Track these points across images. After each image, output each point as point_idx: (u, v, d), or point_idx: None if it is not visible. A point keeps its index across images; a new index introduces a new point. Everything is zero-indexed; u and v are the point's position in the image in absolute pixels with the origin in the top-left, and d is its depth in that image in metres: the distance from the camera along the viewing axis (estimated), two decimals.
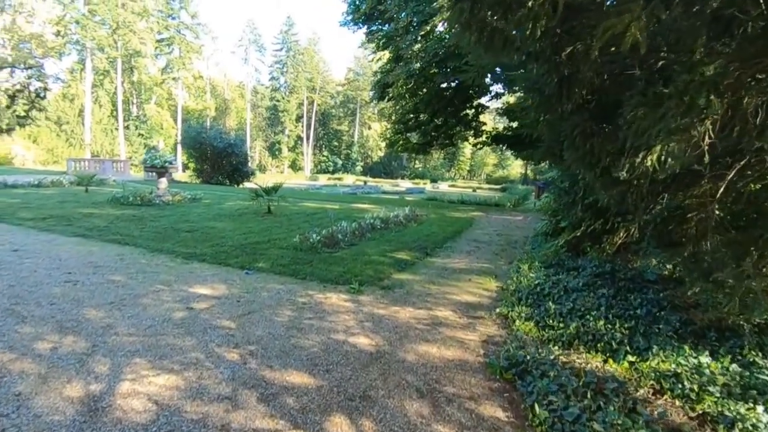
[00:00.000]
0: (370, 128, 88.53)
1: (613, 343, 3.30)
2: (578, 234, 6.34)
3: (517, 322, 3.89)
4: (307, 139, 76.72)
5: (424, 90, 13.89)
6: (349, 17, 16.41)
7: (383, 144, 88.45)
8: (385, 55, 16.00)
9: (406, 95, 13.99)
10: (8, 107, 51.71)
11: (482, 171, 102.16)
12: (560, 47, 3.55)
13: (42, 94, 52.51)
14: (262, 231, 8.40)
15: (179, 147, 57.14)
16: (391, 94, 13.60)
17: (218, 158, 23.59)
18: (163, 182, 12.10)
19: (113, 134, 50.53)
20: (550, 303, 4.13)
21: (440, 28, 12.85)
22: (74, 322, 3.54)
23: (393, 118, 17.36)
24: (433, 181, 73.13)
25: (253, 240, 7.42)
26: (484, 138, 15.54)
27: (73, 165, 24.56)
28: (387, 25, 14.19)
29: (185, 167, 49.15)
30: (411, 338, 3.61)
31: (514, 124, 15.92)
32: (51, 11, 49.81)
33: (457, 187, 69.71)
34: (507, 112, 15.37)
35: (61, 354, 2.99)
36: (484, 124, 15.58)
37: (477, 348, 3.48)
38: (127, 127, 54.20)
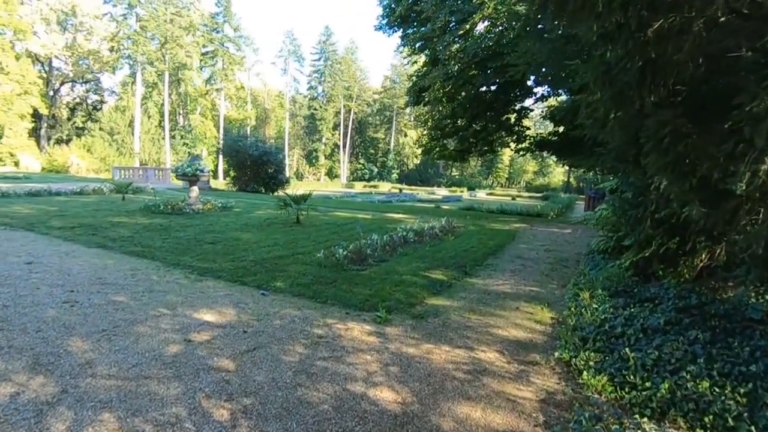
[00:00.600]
0: (406, 136, 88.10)
1: (728, 418, 2.40)
2: (647, 254, 5.34)
3: (585, 374, 3.05)
4: (344, 147, 77.30)
5: (463, 93, 13.08)
6: (384, 21, 15.92)
7: (419, 151, 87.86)
8: (421, 59, 15.35)
9: (443, 99, 13.25)
10: (68, 119, 55.40)
11: (521, 179, 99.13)
12: (648, 21, 2.72)
13: (98, 107, 55.83)
14: (288, 243, 7.89)
15: (220, 156, 59.22)
16: (427, 99, 12.90)
17: (254, 166, 23.72)
18: (194, 191, 11.95)
19: (160, 143, 52.75)
20: (627, 349, 3.24)
21: (480, 27, 12.08)
22: (53, 356, 3.06)
23: (429, 123, 16.65)
24: (470, 189, 71.50)
25: (277, 254, 6.90)
26: (526, 144, 14.48)
27: (118, 173, 25.50)
28: (423, 27, 13.55)
29: (226, 175, 50.62)
30: (447, 393, 2.86)
31: (561, 129, 14.79)
32: (106, 28, 53.01)
33: (496, 195, 67.70)
34: (553, 114, 14.27)
35: (20, 402, 2.47)
36: (528, 128, 14.52)
37: (534, 412, 2.68)
38: (173, 137, 56.50)
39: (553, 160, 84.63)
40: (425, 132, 16.65)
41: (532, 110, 14.25)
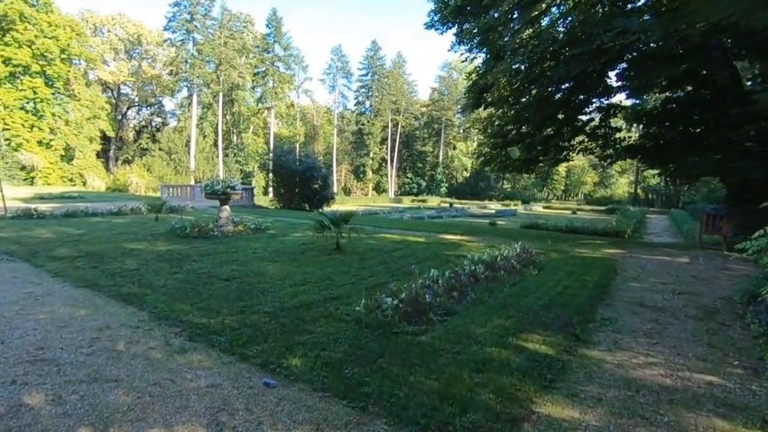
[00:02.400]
0: (455, 148, 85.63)
1: None
2: None
3: None
4: (391, 161, 76.20)
5: (533, 91, 10.92)
6: (437, 17, 14.11)
7: (469, 163, 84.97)
8: (479, 57, 13.36)
9: (510, 99, 11.13)
10: (134, 141, 58.69)
11: (579, 190, 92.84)
12: None
13: (160, 128, 58.72)
14: (322, 280, 6.13)
15: (271, 173, 60.01)
16: (489, 100, 10.89)
17: (299, 182, 22.64)
18: (225, 210, 10.63)
19: (214, 161, 54.19)
20: None
21: (555, 10, 9.95)
22: None
23: (489, 130, 14.53)
24: (524, 202, 67.40)
25: (304, 298, 5.13)
26: (612, 149, 11.92)
27: (167, 191, 25.44)
28: (483, 17, 11.63)
29: (276, 192, 50.94)
30: None
31: (653, 130, 12.13)
32: (167, 54, 55.83)
33: (553, 208, 63.09)
34: (644, 115, 11.68)
35: None
36: (618, 130, 11.94)
37: None
38: (226, 155, 58.00)
39: (616, 170, 78.54)
40: (485, 140, 14.51)
41: (623, 108, 11.64)
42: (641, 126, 11.85)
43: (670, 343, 4.09)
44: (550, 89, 9.95)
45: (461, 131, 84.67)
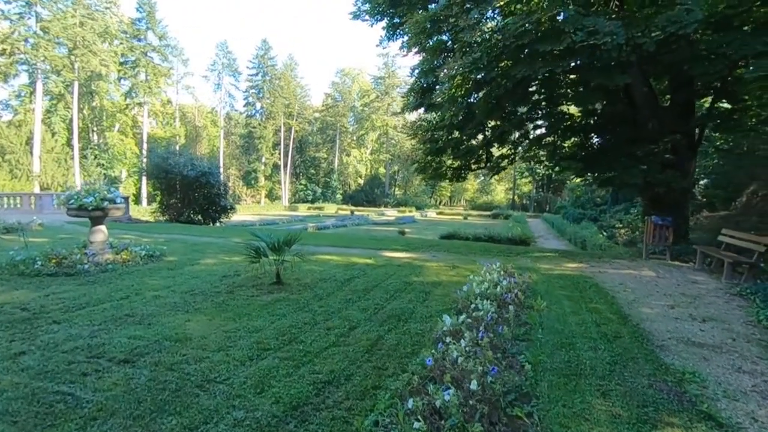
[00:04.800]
0: (349, 155, 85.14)
1: None
2: None
3: None
4: (285, 167, 72.40)
5: (481, 93, 10.05)
6: (365, 6, 12.60)
7: (367, 169, 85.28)
8: (412, 52, 12.18)
9: (459, 99, 10.09)
10: None
11: (462, 197, 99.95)
12: None
13: None
14: (284, 343, 4.06)
15: (144, 178, 51.85)
16: (439, 99, 9.72)
17: (189, 190, 18.92)
18: (100, 233, 7.55)
19: (67, 164, 44.72)
20: None
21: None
22: None
23: (420, 134, 13.42)
24: (418, 208, 69.75)
25: (279, 393, 3.07)
26: (558, 158, 11.60)
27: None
28: (424, 8, 10.45)
29: (151, 200, 43.69)
30: None
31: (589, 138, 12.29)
32: None
33: (445, 214, 66.30)
34: (579, 126, 11.69)
35: None
36: (566, 138, 11.75)
37: None
38: (84, 157, 48.50)
39: (495, 178, 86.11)
40: (421, 147, 13.38)
41: (571, 116, 11.39)
42: (576, 136, 11.90)
43: None
44: (504, 90, 9.18)
45: (355, 138, 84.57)
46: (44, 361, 3.51)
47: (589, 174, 11.71)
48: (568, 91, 11.42)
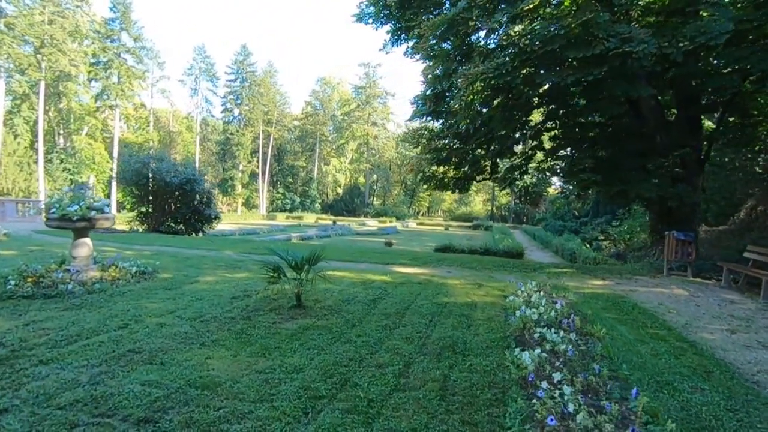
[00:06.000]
0: (328, 164, 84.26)
1: None
2: None
3: None
4: (263, 174, 70.70)
5: (495, 102, 9.62)
6: (370, 8, 12.06)
7: (347, 178, 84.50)
8: (416, 58, 11.70)
9: (475, 107, 9.55)
10: None
11: (440, 207, 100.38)
12: None
13: None
14: (329, 384, 3.37)
15: (114, 184, 49.40)
16: (456, 106, 9.16)
17: (171, 198, 17.70)
18: (85, 246, 6.58)
19: (31, 168, 42.02)
20: None
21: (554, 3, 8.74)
22: None
23: (423, 143, 12.89)
24: (399, 218, 69.33)
25: None
26: (575, 169, 11.24)
27: None
28: (440, 10, 10.00)
29: (120, 208, 41.40)
30: None
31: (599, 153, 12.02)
32: None
33: (426, 225, 66.11)
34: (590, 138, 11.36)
35: None
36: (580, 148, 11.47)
37: None
38: (49, 161, 45.82)
39: (474, 189, 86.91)
40: (425, 156, 12.85)
41: (594, 125, 10.89)
42: (590, 148, 11.64)
43: None
44: (526, 99, 8.75)
45: (335, 147, 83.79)
46: (36, 423, 2.66)
47: (599, 188, 11.42)
48: (579, 101, 11.16)
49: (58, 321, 4.67)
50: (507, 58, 8.02)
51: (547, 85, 7.83)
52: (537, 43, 7.52)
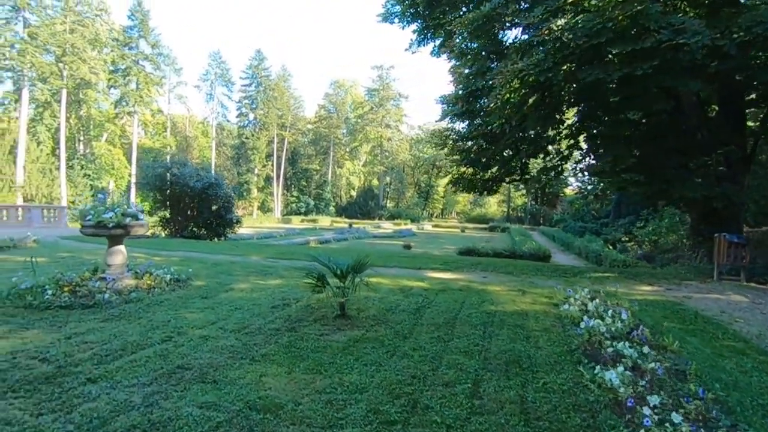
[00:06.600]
0: (342, 167, 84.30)
1: None
2: None
3: None
4: (277, 178, 70.95)
5: (531, 100, 9.26)
6: (397, 7, 11.81)
7: (362, 180, 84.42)
8: (442, 57, 11.39)
9: (510, 106, 9.18)
10: None
11: (453, 209, 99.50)
12: None
13: None
14: (398, 407, 3.09)
15: (133, 189, 50.10)
16: (492, 105, 8.82)
17: (195, 203, 17.71)
18: (120, 254, 6.43)
19: (53, 175, 42.77)
20: None
21: None
22: None
23: (450, 144, 12.58)
24: (413, 221, 68.82)
25: None
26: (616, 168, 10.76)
27: None
28: (467, 7, 9.70)
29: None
30: None
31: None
32: None
33: (442, 227, 65.58)
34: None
35: None
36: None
37: None
38: (71, 167, 46.63)
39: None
40: (455, 157, 12.54)
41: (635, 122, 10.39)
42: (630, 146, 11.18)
43: None
44: (568, 95, 8.39)
45: (348, 150, 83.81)
46: None
47: (640, 188, 10.91)
48: (615, 98, 10.71)
49: (100, 333, 4.48)
50: (546, 55, 7.66)
51: (588, 80, 7.39)
52: (581, 37, 7.15)
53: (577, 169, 12.66)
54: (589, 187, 40.55)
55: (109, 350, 4.02)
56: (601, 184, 27.63)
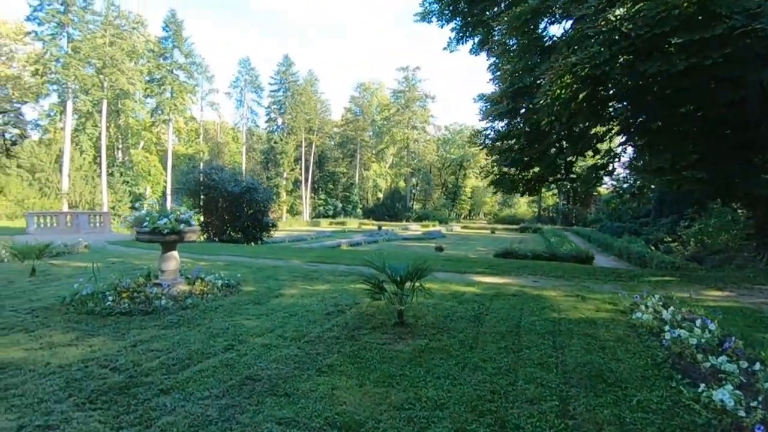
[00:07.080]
0: (368, 169, 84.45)
1: None
2: None
3: None
4: (305, 181, 71.78)
5: (581, 95, 8.84)
6: (434, 6, 11.59)
7: (389, 182, 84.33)
8: (481, 56, 11.02)
9: (566, 101, 8.73)
10: None
11: (481, 209, 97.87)
12: None
13: (17, 141, 46.90)
14: (485, 426, 2.85)
15: (168, 195, 51.71)
16: (542, 101, 8.44)
17: (232, 207, 18.02)
18: (173, 260, 6.48)
19: (95, 182, 44.71)
20: None
21: None
22: None
23: (490, 145, 12.25)
24: (441, 222, 68.07)
25: None
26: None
27: (35, 220, 18.68)
28: (517, 3, 9.37)
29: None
30: None
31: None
32: (30, 50, 45.32)
33: (471, 228, 64.59)
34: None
35: None
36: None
37: None
38: (111, 174, 48.61)
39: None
40: (497, 156, 12.19)
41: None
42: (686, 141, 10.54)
43: None
44: (626, 90, 7.94)
45: (375, 152, 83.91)
46: None
47: (701, 186, 10.24)
48: (668, 92, 10.10)
49: (163, 341, 4.46)
50: (601, 47, 7.26)
51: (650, 72, 6.94)
52: (642, 27, 6.72)
53: (632, 167, 12.01)
54: (625, 186, 38.94)
55: (175, 359, 3.97)
56: (638, 182, 26.33)
